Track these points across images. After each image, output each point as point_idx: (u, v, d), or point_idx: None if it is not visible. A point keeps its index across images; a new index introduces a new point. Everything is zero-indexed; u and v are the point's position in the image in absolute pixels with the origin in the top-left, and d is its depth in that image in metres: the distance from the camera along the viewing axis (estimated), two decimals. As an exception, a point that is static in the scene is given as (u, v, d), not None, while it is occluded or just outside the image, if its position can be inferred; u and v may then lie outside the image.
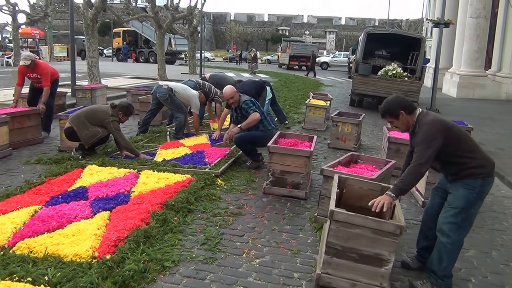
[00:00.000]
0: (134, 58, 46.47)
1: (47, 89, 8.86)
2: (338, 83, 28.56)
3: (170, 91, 8.87)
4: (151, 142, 8.52)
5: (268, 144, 6.07)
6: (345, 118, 9.48)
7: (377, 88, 15.44)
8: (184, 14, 26.66)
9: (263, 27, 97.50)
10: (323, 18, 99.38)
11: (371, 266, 3.55)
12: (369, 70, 15.70)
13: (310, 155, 5.87)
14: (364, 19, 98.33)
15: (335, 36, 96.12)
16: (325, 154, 8.73)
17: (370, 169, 5.38)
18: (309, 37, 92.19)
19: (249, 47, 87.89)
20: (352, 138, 9.25)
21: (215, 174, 6.41)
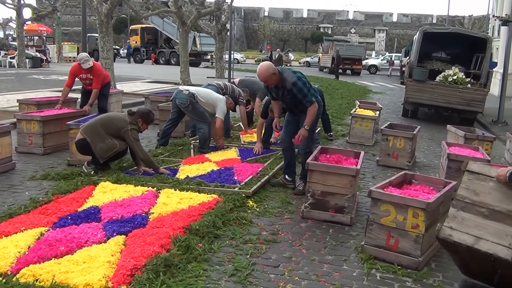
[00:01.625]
0: (154, 59, 47.21)
1: (96, 92, 10.14)
2: (388, 90, 28.41)
3: (191, 97, 8.95)
4: (173, 156, 8.64)
5: (307, 160, 6.07)
6: (397, 131, 9.43)
7: (435, 96, 15.36)
8: (211, 9, 27.04)
9: (302, 24, 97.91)
10: (372, 14, 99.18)
11: (501, 224, 3.73)
12: (425, 75, 15.63)
13: (357, 174, 5.85)
14: (420, 15, 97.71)
15: (386, 35, 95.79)
16: (373, 173, 8.68)
17: (427, 191, 5.33)
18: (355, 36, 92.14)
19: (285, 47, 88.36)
20: (405, 154, 9.19)
21: (245, 194, 6.45)
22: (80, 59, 10.13)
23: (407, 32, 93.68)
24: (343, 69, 42.62)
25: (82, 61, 10.04)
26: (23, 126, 8.81)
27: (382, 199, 4.84)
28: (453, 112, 16.48)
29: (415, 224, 4.70)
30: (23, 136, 8.86)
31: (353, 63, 42.21)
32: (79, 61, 10.11)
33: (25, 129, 8.80)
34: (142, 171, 7.29)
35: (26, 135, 8.82)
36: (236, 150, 9.12)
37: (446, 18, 47.32)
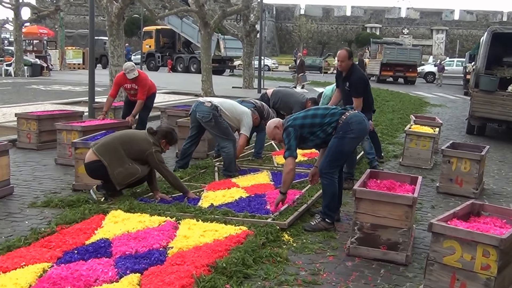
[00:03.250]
0: (170, 66, 47.72)
1: (141, 103, 11.01)
2: (450, 102, 28.20)
3: (215, 110, 9.05)
4: (194, 181, 8.71)
5: (354, 187, 6.07)
6: (461, 151, 9.36)
7: (507, 110, 15.18)
8: (238, 7, 27.31)
9: (345, 23, 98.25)
10: (428, 11, 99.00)
11: None
12: (495, 85, 15.48)
13: (413, 203, 5.82)
14: (487, 12, 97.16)
15: (445, 36, 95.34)
16: (433, 202, 8.61)
17: (499, 225, 5.27)
18: (409, 37, 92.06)
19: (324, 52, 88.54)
20: (471, 180, 9.09)
21: (280, 227, 6.47)
22: (125, 68, 11.01)
23: (472, 32, 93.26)
24: (394, 77, 42.46)
25: (127, 71, 10.91)
26: (63, 136, 9.83)
27: (445, 234, 4.80)
28: (528, 128, 16.30)
29: (486, 265, 4.64)
30: (63, 148, 9.89)
31: (406, 70, 42.03)
32: (124, 70, 11.00)
33: (65, 140, 9.72)
34: (159, 198, 7.37)
35: (66, 146, 9.71)
36: (269, 173, 9.15)
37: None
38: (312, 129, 6.75)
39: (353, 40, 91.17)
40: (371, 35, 79.08)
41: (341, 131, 6.63)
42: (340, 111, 6.85)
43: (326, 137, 6.74)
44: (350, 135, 6.63)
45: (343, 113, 6.77)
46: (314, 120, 6.79)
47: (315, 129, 6.74)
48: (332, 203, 6.79)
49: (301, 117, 6.87)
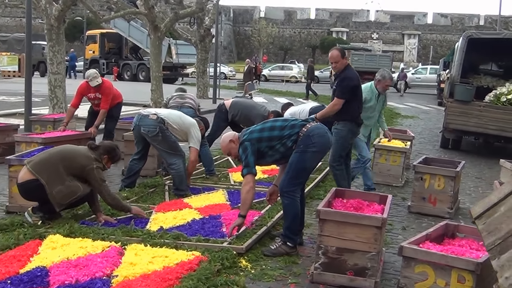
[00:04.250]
0: (116, 73, 47.38)
1: (104, 112, 11.30)
2: (422, 113, 28.59)
3: (161, 123, 8.99)
4: (142, 201, 8.65)
5: (318, 207, 6.10)
6: (434, 167, 9.48)
7: (484, 121, 15.41)
8: (191, 9, 27.32)
9: (309, 27, 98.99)
10: (400, 14, 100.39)
11: None
12: (471, 94, 15.70)
13: (383, 224, 5.86)
14: (462, 15, 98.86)
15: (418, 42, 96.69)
16: (404, 223, 8.70)
17: (475, 247, 5.35)
18: (378, 42, 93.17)
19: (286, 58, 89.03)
20: (445, 198, 9.21)
21: (237, 252, 6.45)
22: (88, 76, 11.30)
23: (446, 37, 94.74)
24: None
25: (90, 78, 11.20)
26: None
27: (417, 258, 4.86)
28: (507, 142, 16.52)
29: (461, 291, 4.71)
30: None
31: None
32: (87, 78, 11.30)
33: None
34: (102, 221, 7.29)
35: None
36: (224, 192, 9.12)
37: (497, 19, 47.51)
38: (271, 143, 6.76)
39: (317, 46, 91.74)
40: (337, 40, 79.58)
41: (302, 145, 6.65)
42: (301, 122, 6.87)
43: (286, 151, 6.74)
44: (312, 149, 6.64)
45: (304, 125, 6.79)
46: (272, 133, 6.80)
47: (274, 142, 6.75)
48: (293, 224, 6.79)
49: (258, 130, 6.88)
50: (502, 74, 17.90)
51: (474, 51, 16.49)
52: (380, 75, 10.08)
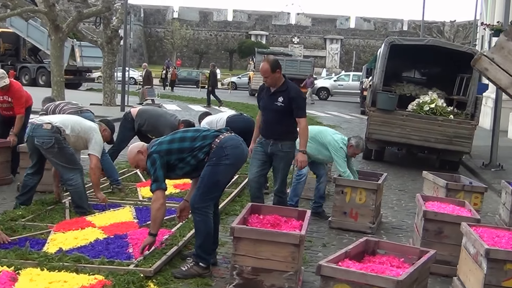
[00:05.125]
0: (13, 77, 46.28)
1: (21, 117, 10.96)
2: (345, 122, 29.02)
3: (57, 133, 8.67)
4: (40, 220, 8.43)
5: (232, 224, 6.09)
6: (355, 180, 9.63)
7: (407, 131, 15.75)
8: (97, 8, 26.91)
9: (226, 30, 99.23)
10: (322, 17, 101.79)
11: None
12: (393, 103, 16.00)
13: (301, 241, 5.90)
14: (386, 20, 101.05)
15: (341, 47, 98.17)
16: (324, 239, 8.80)
17: (396, 264, 5.44)
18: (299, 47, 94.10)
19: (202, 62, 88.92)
20: (367, 212, 9.35)
21: (145, 274, 6.38)
22: None
23: (370, 42, 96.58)
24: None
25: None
26: None
27: (336, 277, 4.90)
28: (431, 153, 16.90)
29: (381, 311, 4.77)
30: None
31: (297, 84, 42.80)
32: None
33: None
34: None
35: None
36: (132, 209, 9.00)
37: (421, 24, 48.67)
38: (181, 155, 6.72)
39: (235, 49, 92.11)
40: (256, 44, 79.98)
41: (214, 157, 6.64)
42: (213, 133, 6.85)
43: (197, 164, 6.73)
44: (225, 162, 6.64)
45: (217, 135, 6.78)
46: (182, 144, 6.77)
47: (184, 154, 6.71)
48: (206, 243, 6.76)
49: (168, 141, 6.83)
50: (425, 82, 18.34)
51: (397, 58, 16.83)
52: (355, 142, 9.97)
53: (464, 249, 6.54)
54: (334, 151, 9.78)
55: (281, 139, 8.23)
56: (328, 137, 9.94)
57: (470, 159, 17.40)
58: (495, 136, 16.65)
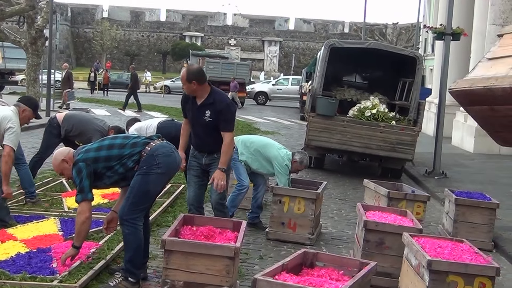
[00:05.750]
0: None
1: None
2: (284, 128, 29.10)
3: None
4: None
5: (163, 236, 6.03)
6: (294, 189, 9.64)
7: (347, 138, 15.84)
8: (20, 7, 26.54)
9: (159, 31, 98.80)
10: (260, 19, 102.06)
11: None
12: (333, 108, 16.08)
13: (236, 254, 5.88)
14: (326, 22, 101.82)
15: (279, 49, 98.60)
16: (261, 251, 8.79)
17: (335, 277, 5.45)
18: (236, 49, 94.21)
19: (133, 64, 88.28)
20: (306, 223, 9.36)
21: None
22: None
23: (310, 45, 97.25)
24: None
25: None
26: None
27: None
28: (372, 160, 17.08)
29: (319, 327, 4.78)
30: None
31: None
32: None
33: None
34: None
35: None
36: (57, 221, 8.86)
37: (362, 26, 49.19)
38: (109, 163, 6.63)
39: (168, 51, 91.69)
40: (190, 46, 79.74)
41: (144, 166, 6.58)
42: (143, 140, 6.79)
43: (126, 172, 6.66)
44: (156, 171, 6.59)
45: (147, 143, 6.72)
46: (110, 152, 6.69)
47: (112, 163, 6.63)
48: (136, 257, 6.68)
49: (95, 149, 6.74)
50: (367, 87, 18.54)
51: (338, 61, 16.96)
52: (299, 158, 9.97)
53: (406, 261, 6.60)
54: (279, 167, 9.78)
55: (216, 151, 7.99)
56: (274, 152, 9.93)
57: (413, 166, 17.61)
58: (438, 142, 16.91)
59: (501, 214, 11.11)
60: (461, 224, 9.90)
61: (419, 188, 13.08)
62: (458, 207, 9.93)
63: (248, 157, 9.84)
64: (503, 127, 5.34)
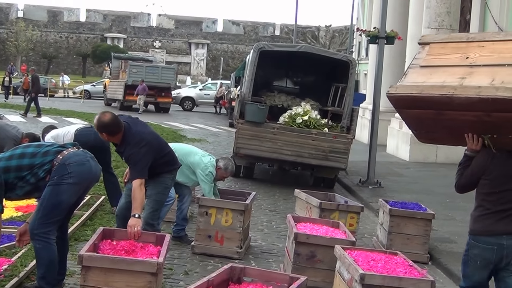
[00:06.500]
0: None
1: None
2: (211, 136, 29.05)
3: None
4: None
5: (80, 251, 5.97)
6: (222, 200, 9.67)
7: (278, 146, 15.84)
8: None
9: (78, 32, 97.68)
10: (186, 20, 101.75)
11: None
12: (263, 115, 16.08)
13: (158, 270, 5.86)
14: (257, 23, 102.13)
15: (207, 52, 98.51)
16: (187, 266, 8.79)
17: (263, 293, 5.48)
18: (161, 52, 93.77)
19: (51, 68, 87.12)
20: (234, 236, 9.38)
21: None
22: None
23: (239, 48, 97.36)
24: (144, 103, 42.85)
25: None
26: None
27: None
28: (304, 169, 17.16)
29: None
30: None
31: (158, 94, 42.40)
32: None
33: None
34: None
35: None
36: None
37: (294, 28, 49.41)
38: (20, 173, 6.54)
39: (89, 54, 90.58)
40: (112, 48, 79.09)
41: (55, 176, 6.51)
42: (56, 149, 6.71)
43: (37, 182, 6.58)
44: (68, 181, 6.52)
45: (60, 151, 6.64)
46: (21, 161, 6.60)
47: (24, 172, 6.54)
48: (50, 273, 6.60)
49: (6, 158, 6.66)
50: (298, 92, 18.64)
51: (267, 66, 17.00)
52: (223, 164, 9.95)
53: (338, 275, 6.66)
54: (202, 176, 9.77)
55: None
56: (197, 159, 9.92)
57: (347, 175, 17.76)
58: (372, 150, 17.11)
59: (437, 225, 11.32)
60: (395, 236, 10.05)
61: (352, 198, 13.20)
62: (393, 218, 10.08)
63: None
64: (442, 128, 6.04)
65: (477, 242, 6.10)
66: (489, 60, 5.67)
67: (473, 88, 5.45)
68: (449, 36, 7.25)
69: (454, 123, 5.85)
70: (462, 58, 5.85)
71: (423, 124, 6.23)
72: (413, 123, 6.35)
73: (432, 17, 21.90)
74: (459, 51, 5.95)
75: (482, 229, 6.07)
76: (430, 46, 6.25)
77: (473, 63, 5.72)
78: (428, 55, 6.14)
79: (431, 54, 6.13)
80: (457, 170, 6.31)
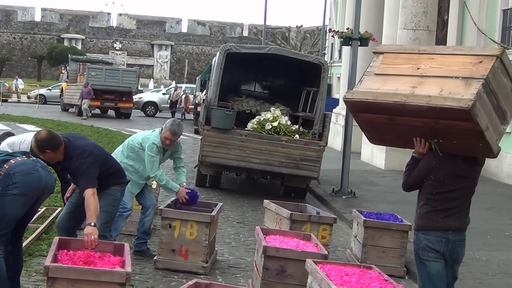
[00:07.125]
0: None
1: None
2: (175, 143, 28.92)
3: None
4: None
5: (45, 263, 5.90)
6: (185, 212, 9.59)
7: (246, 153, 15.81)
8: None
9: (33, 32, 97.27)
10: (148, 20, 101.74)
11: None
12: (230, 121, 16.04)
13: (127, 280, 5.84)
14: (224, 24, 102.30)
15: (171, 54, 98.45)
16: (148, 283, 8.75)
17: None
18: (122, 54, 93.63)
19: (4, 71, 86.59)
20: (199, 249, 9.33)
21: None
22: None
23: (205, 50, 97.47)
24: (103, 109, 42.67)
25: None
26: None
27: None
28: (274, 178, 17.10)
29: None
30: None
31: (119, 98, 42.30)
32: None
33: None
34: None
35: None
36: None
37: (263, 29, 49.43)
38: None
39: (44, 56, 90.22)
40: (69, 50, 78.95)
41: (1, 186, 6.47)
42: (3, 158, 6.65)
43: None
44: (12, 191, 6.48)
45: (7, 160, 6.58)
46: None
47: None
48: None
49: None
50: (268, 97, 18.57)
51: (235, 69, 16.98)
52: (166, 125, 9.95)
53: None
54: (148, 152, 9.74)
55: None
56: (141, 136, 10.15)
57: (319, 185, 17.70)
58: (346, 158, 17.16)
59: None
60: (370, 249, 10.06)
61: (325, 209, 13.23)
62: (367, 229, 10.09)
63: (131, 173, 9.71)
64: (393, 131, 6.81)
65: (427, 235, 6.56)
66: (438, 72, 6.34)
67: (424, 97, 6.17)
68: (402, 47, 8.06)
69: (405, 127, 6.58)
70: (413, 69, 6.49)
71: (376, 128, 6.97)
72: (366, 126, 7.02)
73: (408, 18, 22.02)
74: (411, 62, 6.58)
75: (431, 225, 6.57)
76: (384, 56, 6.85)
77: (424, 73, 6.40)
78: (382, 64, 6.74)
79: (385, 63, 6.74)
80: (404, 171, 7.02)
